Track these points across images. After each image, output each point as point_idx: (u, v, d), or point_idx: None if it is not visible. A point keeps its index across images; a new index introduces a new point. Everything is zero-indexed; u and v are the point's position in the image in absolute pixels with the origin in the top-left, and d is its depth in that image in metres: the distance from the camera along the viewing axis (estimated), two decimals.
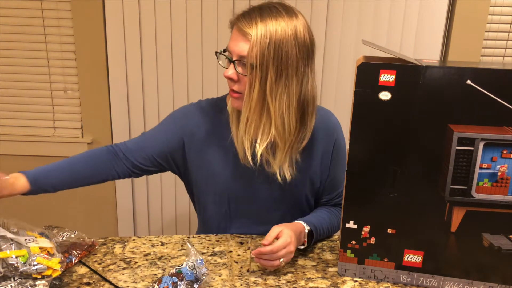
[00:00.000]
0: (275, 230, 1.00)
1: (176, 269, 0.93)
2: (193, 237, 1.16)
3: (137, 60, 1.97)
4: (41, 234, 0.99)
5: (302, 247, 1.07)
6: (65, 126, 2.10)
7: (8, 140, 2.09)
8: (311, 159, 1.14)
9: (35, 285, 0.86)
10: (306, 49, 1.01)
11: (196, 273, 0.92)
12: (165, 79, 2.00)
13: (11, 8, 1.94)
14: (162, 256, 1.07)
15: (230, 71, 1.02)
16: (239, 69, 1.01)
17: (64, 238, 1.05)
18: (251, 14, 0.99)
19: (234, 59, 1.01)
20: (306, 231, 1.07)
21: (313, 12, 1.91)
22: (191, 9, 1.91)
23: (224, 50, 1.04)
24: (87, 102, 2.04)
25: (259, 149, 1.05)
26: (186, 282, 0.90)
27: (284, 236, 0.99)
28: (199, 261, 0.94)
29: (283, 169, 1.08)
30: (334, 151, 1.16)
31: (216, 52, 1.06)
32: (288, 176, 1.08)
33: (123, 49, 1.95)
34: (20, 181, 1.01)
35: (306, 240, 1.07)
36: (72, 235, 1.06)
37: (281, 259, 0.98)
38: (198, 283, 0.92)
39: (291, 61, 0.98)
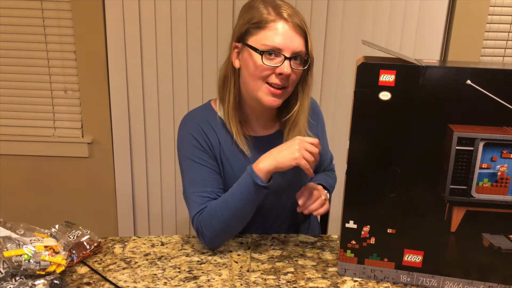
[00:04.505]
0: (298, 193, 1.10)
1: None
2: (193, 237, 1.16)
3: (137, 60, 1.97)
4: (50, 235, 1.00)
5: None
6: (65, 126, 2.10)
7: (8, 140, 2.09)
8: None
9: (35, 285, 0.86)
10: None
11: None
12: (165, 79, 2.00)
13: (11, 8, 1.94)
14: (162, 256, 1.07)
15: (286, 68, 1.01)
16: (294, 65, 1.02)
17: (74, 238, 1.06)
18: (288, 6, 1.02)
19: (289, 56, 1.01)
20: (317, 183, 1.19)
21: (313, 12, 1.91)
22: (191, 9, 1.91)
23: (253, 48, 1.01)
24: (87, 102, 2.05)
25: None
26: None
27: (307, 185, 1.11)
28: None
29: None
30: (321, 127, 1.27)
31: (263, 52, 1.00)
32: None
33: (123, 49, 1.95)
34: None
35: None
36: (86, 234, 1.08)
37: (322, 196, 1.09)
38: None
39: None
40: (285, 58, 1.01)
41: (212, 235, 1.05)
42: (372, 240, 0.96)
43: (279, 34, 1.00)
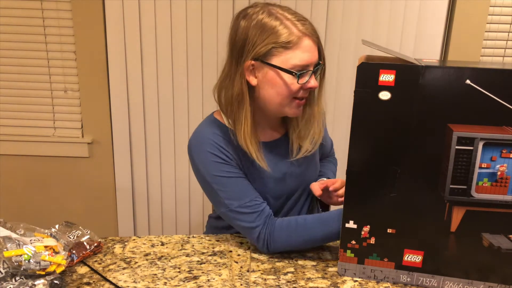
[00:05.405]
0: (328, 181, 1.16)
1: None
2: (193, 237, 1.17)
3: (137, 60, 1.97)
4: (50, 235, 1.00)
5: None
6: (65, 126, 2.10)
7: (8, 140, 2.09)
8: None
9: (35, 285, 0.87)
10: None
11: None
12: (165, 79, 2.00)
13: (11, 8, 1.94)
14: (162, 256, 1.07)
15: (314, 82, 1.03)
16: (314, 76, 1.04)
17: (74, 238, 1.06)
18: (299, 16, 1.01)
19: (312, 69, 1.02)
20: None
21: (313, 12, 1.91)
22: (191, 9, 1.91)
23: (285, 70, 1.00)
24: (87, 102, 2.05)
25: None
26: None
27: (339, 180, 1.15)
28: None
29: (304, 143, 1.15)
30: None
31: (300, 73, 1.00)
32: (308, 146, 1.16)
33: (123, 49, 1.95)
34: None
35: None
36: (86, 234, 1.08)
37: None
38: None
39: None
40: (312, 72, 1.02)
41: (280, 248, 1.07)
42: (372, 240, 0.96)
43: (306, 51, 1.00)
